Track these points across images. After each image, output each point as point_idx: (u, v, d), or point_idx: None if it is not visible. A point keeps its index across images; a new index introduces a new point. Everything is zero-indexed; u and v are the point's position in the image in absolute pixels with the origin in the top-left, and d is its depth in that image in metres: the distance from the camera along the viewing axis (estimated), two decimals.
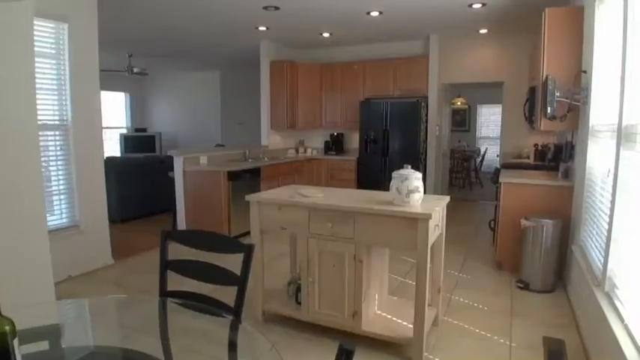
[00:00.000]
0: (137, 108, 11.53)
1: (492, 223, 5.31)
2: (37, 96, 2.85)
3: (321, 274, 2.83)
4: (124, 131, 11.12)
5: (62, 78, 4.19)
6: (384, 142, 6.68)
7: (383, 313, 3.04)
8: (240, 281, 1.53)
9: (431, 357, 2.74)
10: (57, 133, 4.17)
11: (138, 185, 6.56)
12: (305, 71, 7.45)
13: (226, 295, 1.70)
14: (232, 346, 1.53)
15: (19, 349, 1.05)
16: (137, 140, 10.56)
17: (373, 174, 6.72)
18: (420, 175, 2.60)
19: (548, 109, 3.77)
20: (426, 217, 2.43)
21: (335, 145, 7.49)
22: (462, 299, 3.65)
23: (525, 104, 5.16)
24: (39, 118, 2.95)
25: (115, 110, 11.02)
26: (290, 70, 7.27)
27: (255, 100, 8.14)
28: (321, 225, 2.76)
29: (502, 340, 2.95)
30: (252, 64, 7.81)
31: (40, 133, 3.13)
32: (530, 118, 4.98)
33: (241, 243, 1.61)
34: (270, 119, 7.35)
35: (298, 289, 3.04)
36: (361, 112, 6.86)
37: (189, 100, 10.99)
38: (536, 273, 3.79)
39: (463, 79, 7.04)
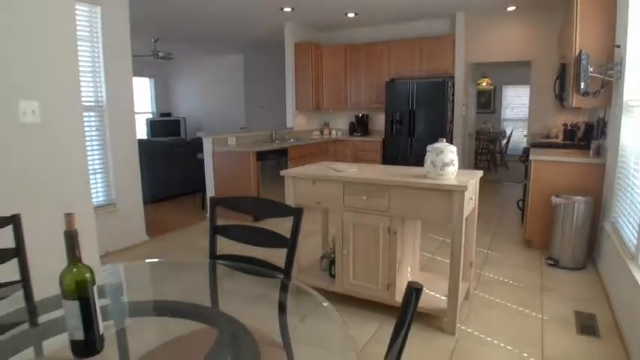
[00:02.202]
0: (161, 93, 11.69)
1: (521, 202, 5.30)
2: None
3: (355, 247, 2.89)
4: (150, 116, 11.31)
5: (96, 61, 4.31)
6: (409, 122, 6.67)
7: None
8: (290, 243, 1.59)
9: (463, 328, 2.79)
10: (92, 114, 4.29)
11: (167, 168, 6.71)
12: (330, 53, 7.46)
13: (274, 260, 1.78)
14: (282, 305, 1.60)
15: (97, 296, 1.14)
16: (163, 125, 10.75)
17: (399, 155, 6.73)
18: (454, 148, 2.63)
19: (582, 84, 3.73)
20: (462, 189, 2.47)
21: (360, 126, 7.50)
22: (491, 275, 3.68)
23: (556, 81, 5.09)
24: None
25: (140, 95, 11.18)
26: (315, 52, 7.29)
27: (278, 82, 8.18)
28: (355, 198, 2.81)
29: (534, 314, 2.98)
30: (276, 47, 7.84)
31: None
32: (560, 96, 4.91)
33: (290, 206, 1.67)
34: (295, 101, 7.40)
35: (332, 263, 3.11)
36: (387, 92, 6.85)
37: (213, 84, 11.10)
38: (567, 250, 3.78)
39: (490, 59, 6.94)
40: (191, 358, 1.29)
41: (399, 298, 2.85)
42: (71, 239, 1.06)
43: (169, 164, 6.78)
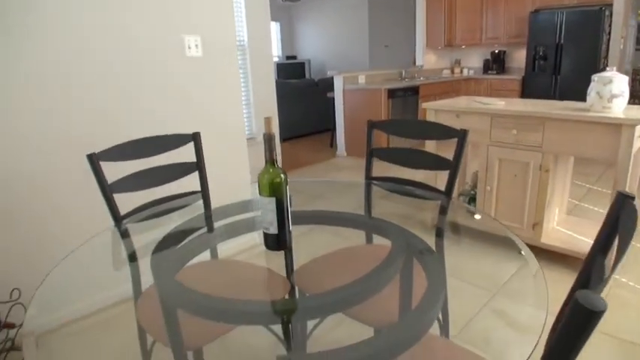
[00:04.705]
0: (286, 36, 11.95)
1: None
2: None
3: (500, 183, 2.79)
4: (276, 59, 11.68)
5: (238, 4, 4.51)
6: (555, 58, 6.02)
7: (562, 229, 2.92)
8: (452, 165, 1.59)
9: (617, 277, 2.59)
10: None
11: (297, 107, 6.97)
12: None
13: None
14: (440, 229, 1.62)
15: (290, 196, 1.24)
16: (289, 67, 11.05)
17: (541, 95, 6.13)
18: (626, 78, 2.34)
19: None
20: (633, 124, 2.21)
21: (495, 63, 6.97)
22: None
23: None
24: None
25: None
26: None
27: (404, 20, 7.86)
28: (503, 132, 2.67)
29: None
30: None
31: None
32: None
33: (454, 128, 1.64)
34: (425, 38, 7.08)
35: (471, 200, 3.05)
36: (529, 24, 6.21)
37: (336, 24, 10.99)
38: None
39: None
40: (366, 265, 1.36)
41: (544, 239, 2.72)
42: (269, 141, 1.16)
43: (299, 104, 7.03)
